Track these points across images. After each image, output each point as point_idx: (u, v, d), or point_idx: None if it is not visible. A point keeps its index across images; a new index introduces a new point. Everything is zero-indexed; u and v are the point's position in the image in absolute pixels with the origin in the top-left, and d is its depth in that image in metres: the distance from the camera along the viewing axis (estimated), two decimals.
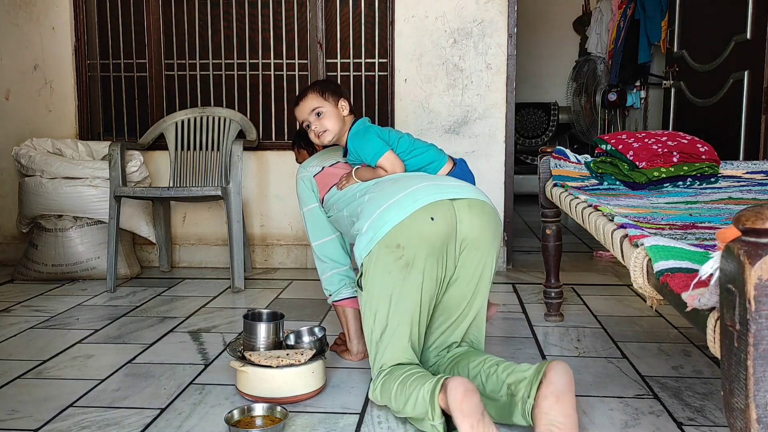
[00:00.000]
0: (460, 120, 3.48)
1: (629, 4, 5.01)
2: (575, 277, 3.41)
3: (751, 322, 0.73)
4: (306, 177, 2.19)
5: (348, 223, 1.99)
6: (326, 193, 2.11)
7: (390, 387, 1.69)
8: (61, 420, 1.78)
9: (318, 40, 3.59)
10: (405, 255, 1.72)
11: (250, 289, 3.19)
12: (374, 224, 1.76)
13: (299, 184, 2.20)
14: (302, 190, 2.19)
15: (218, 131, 3.52)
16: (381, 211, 1.77)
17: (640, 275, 1.23)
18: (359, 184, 2.00)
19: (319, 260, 2.18)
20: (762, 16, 3.29)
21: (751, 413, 0.75)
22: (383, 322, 1.76)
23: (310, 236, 2.19)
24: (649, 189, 2.19)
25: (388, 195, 1.81)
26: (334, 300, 2.16)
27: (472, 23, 3.44)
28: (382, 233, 1.73)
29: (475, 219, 1.79)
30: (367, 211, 1.82)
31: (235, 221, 3.18)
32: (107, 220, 3.23)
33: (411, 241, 1.72)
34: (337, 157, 2.21)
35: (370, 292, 1.77)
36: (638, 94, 5.24)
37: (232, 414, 1.70)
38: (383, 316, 1.76)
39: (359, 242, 1.78)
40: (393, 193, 1.80)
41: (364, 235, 1.77)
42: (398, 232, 1.72)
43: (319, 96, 2.07)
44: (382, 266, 1.73)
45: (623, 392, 1.93)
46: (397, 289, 1.74)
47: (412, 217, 1.73)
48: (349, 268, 2.17)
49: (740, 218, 0.75)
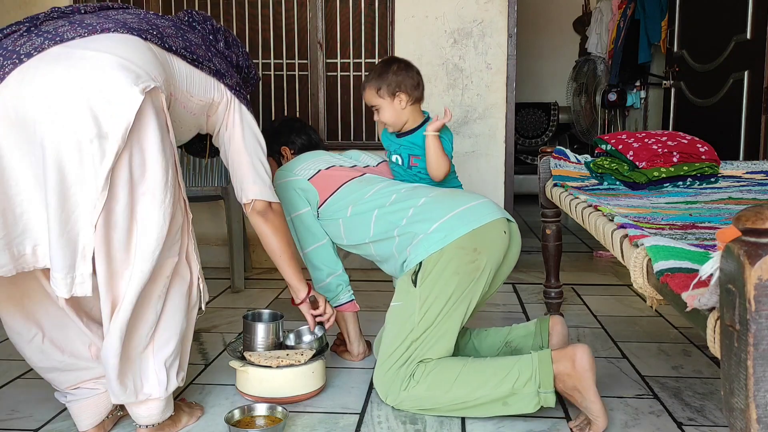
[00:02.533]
0: (460, 120, 3.48)
1: (629, 4, 5.01)
2: (575, 277, 3.41)
3: (751, 322, 0.73)
4: (295, 181, 2.07)
5: (353, 224, 1.98)
6: (331, 195, 2.04)
7: (449, 375, 1.72)
8: (61, 420, 1.78)
9: (318, 40, 3.59)
10: (478, 260, 1.78)
11: (250, 289, 3.19)
12: (447, 226, 1.80)
13: (285, 189, 2.06)
14: (291, 195, 2.06)
15: None
16: (456, 214, 1.82)
17: (640, 275, 1.23)
18: (377, 192, 1.98)
19: (314, 267, 2.11)
20: (762, 16, 3.29)
21: (751, 413, 0.75)
22: (431, 320, 1.77)
23: (301, 243, 2.09)
24: (649, 189, 2.19)
25: (457, 202, 1.87)
26: (333, 306, 2.13)
27: (472, 23, 3.45)
28: (458, 234, 1.78)
29: (516, 243, 1.94)
30: (429, 214, 1.84)
31: (235, 221, 3.18)
32: None
33: (487, 247, 1.79)
34: (326, 160, 2.13)
35: (427, 289, 1.78)
36: (638, 94, 5.24)
37: (233, 414, 1.70)
38: (434, 313, 1.77)
39: (423, 242, 1.81)
40: (462, 202, 1.87)
41: (432, 235, 1.80)
42: (477, 236, 1.79)
43: (375, 94, 2.09)
44: (453, 266, 1.77)
45: (623, 392, 1.93)
46: (459, 290, 1.77)
47: (492, 225, 1.82)
48: (343, 271, 2.15)
49: (740, 218, 0.75)
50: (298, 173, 2.08)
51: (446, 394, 1.72)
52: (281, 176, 2.10)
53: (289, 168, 2.12)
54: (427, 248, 1.80)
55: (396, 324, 1.82)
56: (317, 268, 2.11)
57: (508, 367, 1.71)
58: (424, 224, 1.84)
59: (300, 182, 2.06)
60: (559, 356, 1.69)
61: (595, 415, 1.66)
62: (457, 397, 1.71)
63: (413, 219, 1.86)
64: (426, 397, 1.74)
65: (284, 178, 2.09)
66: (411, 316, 1.79)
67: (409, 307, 1.80)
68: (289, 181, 2.07)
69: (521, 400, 1.69)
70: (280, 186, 2.06)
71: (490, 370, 1.72)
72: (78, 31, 1.46)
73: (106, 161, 1.37)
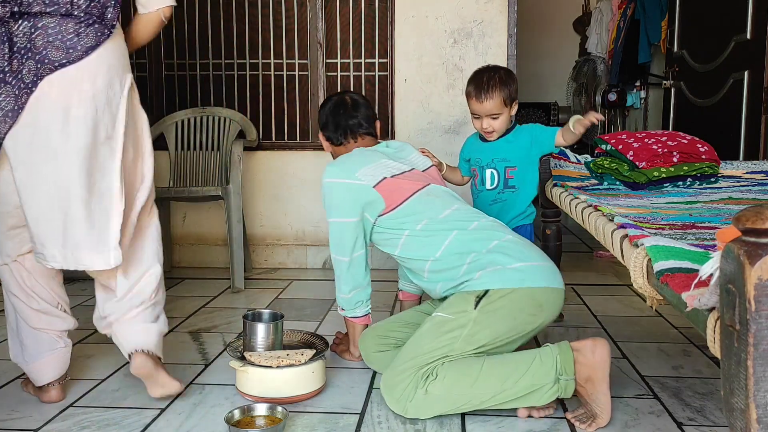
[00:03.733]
0: (460, 120, 3.48)
1: (629, 4, 5.01)
2: (575, 277, 3.40)
3: (751, 322, 0.73)
4: (359, 187, 1.94)
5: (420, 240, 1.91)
6: (397, 206, 1.94)
7: (472, 370, 1.71)
8: (61, 420, 1.78)
9: (318, 40, 3.59)
10: (537, 317, 1.79)
11: (250, 289, 3.19)
12: (529, 270, 1.80)
13: (342, 190, 1.96)
14: (346, 198, 1.95)
15: (218, 131, 3.52)
16: (539, 266, 1.82)
17: (640, 275, 1.23)
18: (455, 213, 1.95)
19: (346, 274, 2.02)
20: (762, 16, 3.29)
21: (751, 413, 0.75)
22: (473, 345, 1.76)
23: (344, 249, 1.99)
24: (649, 189, 2.19)
25: (541, 255, 1.90)
26: (347, 316, 2.11)
27: (472, 23, 3.44)
28: (536, 284, 1.78)
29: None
30: (514, 252, 1.83)
31: (235, 221, 3.18)
32: None
33: (548, 311, 1.80)
34: (386, 166, 2.01)
35: (484, 316, 1.77)
36: (638, 94, 5.24)
37: (233, 414, 1.70)
38: (479, 341, 1.75)
39: (501, 273, 1.79)
40: (545, 258, 1.89)
41: (512, 271, 1.79)
42: (548, 295, 1.80)
43: (501, 103, 2.27)
44: (516, 309, 1.77)
45: (623, 392, 1.93)
46: (507, 333, 1.77)
47: (560, 293, 1.84)
48: (369, 284, 2.08)
49: (740, 218, 0.75)
50: (361, 178, 1.95)
51: (470, 389, 1.70)
52: (339, 175, 1.98)
53: (349, 168, 1.99)
54: (503, 280, 1.78)
55: (436, 334, 1.79)
56: (347, 276, 2.03)
57: (530, 358, 1.73)
58: (506, 258, 1.82)
59: (365, 189, 1.94)
60: (579, 346, 1.72)
61: (601, 408, 1.68)
62: (480, 392, 1.70)
63: (495, 250, 1.84)
64: (443, 397, 1.71)
65: (344, 178, 1.97)
66: (457, 332, 1.77)
67: (459, 324, 1.77)
68: (350, 185, 1.95)
69: (541, 389, 1.70)
70: (337, 185, 1.97)
71: (512, 362, 1.73)
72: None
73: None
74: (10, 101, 1.66)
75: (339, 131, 2.18)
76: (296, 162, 3.62)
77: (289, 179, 3.63)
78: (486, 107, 2.28)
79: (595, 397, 1.69)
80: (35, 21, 1.67)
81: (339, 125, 2.17)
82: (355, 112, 2.18)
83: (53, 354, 1.89)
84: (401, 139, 3.51)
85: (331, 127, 2.19)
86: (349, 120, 2.17)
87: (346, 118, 2.17)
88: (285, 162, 3.63)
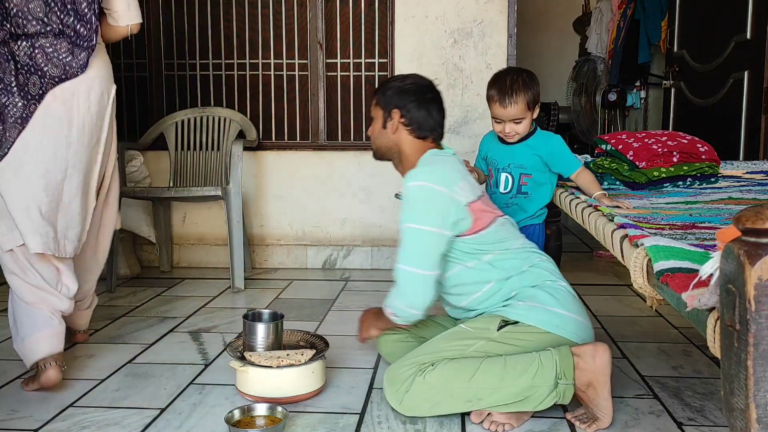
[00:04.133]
0: (460, 120, 3.48)
1: (629, 4, 5.01)
2: (575, 277, 3.40)
3: (751, 322, 0.73)
4: (455, 201, 1.78)
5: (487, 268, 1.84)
6: (481, 230, 1.82)
7: (471, 364, 1.70)
8: (61, 420, 1.78)
9: (318, 40, 3.58)
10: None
11: (250, 289, 3.19)
12: (568, 321, 1.77)
13: (437, 198, 1.76)
14: (440, 209, 1.76)
15: (218, 131, 3.52)
16: (577, 320, 1.79)
17: (640, 275, 1.23)
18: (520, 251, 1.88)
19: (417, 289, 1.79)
20: (762, 16, 3.29)
21: (751, 413, 0.75)
22: (481, 358, 1.74)
23: (423, 262, 1.77)
24: (649, 189, 2.19)
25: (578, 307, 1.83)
26: (397, 322, 1.89)
27: (472, 23, 3.44)
28: (568, 336, 1.76)
29: None
30: (559, 297, 1.80)
31: (235, 221, 3.18)
32: None
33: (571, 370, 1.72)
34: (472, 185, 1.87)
35: (503, 340, 1.76)
36: (638, 94, 5.24)
37: (233, 414, 1.70)
38: (488, 359, 1.73)
39: (538, 311, 1.77)
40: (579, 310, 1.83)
41: (550, 314, 1.77)
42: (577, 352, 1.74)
43: (525, 107, 2.18)
44: (534, 347, 1.74)
45: (623, 392, 1.93)
46: (516, 365, 1.72)
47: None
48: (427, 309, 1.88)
49: (740, 218, 0.75)
50: (459, 192, 1.79)
51: (468, 382, 1.69)
52: (440, 182, 1.77)
53: (450, 178, 1.80)
54: (540, 320, 1.76)
55: (451, 339, 1.80)
56: (410, 295, 1.80)
57: (530, 359, 1.71)
58: (549, 299, 1.79)
59: (460, 205, 1.78)
60: (579, 351, 1.70)
61: (603, 413, 1.68)
62: (478, 388, 1.69)
63: (541, 287, 1.82)
64: (441, 387, 1.70)
65: (444, 187, 1.77)
66: (470, 342, 1.77)
67: (476, 336, 1.78)
68: (450, 197, 1.77)
69: (540, 393, 1.69)
70: (435, 192, 1.76)
71: (511, 361, 1.72)
72: None
73: None
74: (20, 110, 1.93)
75: (430, 123, 1.93)
76: (296, 162, 3.62)
77: (289, 179, 3.63)
78: (510, 112, 2.18)
79: (597, 402, 1.68)
80: (33, 41, 1.94)
81: (432, 117, 1.93)
82: (444, 112, 1.99)
83: (49, 329, 1.97)
84: None
85: (422, 114, 1.92)
86: (443, 118, 1.97)
87: (441, 114, 1.97)
88: (285, 162, 3.63)
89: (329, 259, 3.65)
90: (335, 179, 3.61)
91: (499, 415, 1.72)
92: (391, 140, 1.95)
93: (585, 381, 1.68)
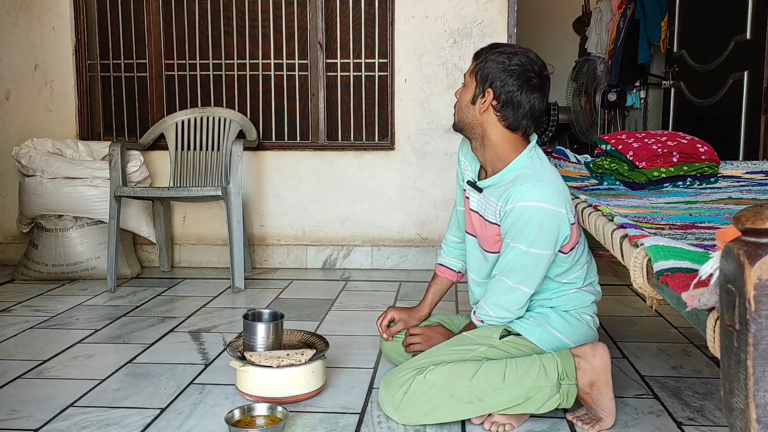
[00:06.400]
0: None
1: (629, 4, 5.01)
2: None
3: (751, 322, 0.73)
4: (566, 220, 1.68)
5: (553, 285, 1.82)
6: (570, 250, 1.76)
7: (471, 366, 1.69)
8: (61, 420, 1.78)
9: (318, 40, 3.59)
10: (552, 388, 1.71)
11: (250, 289, 3.19)
12: (566, 350, 1.75)
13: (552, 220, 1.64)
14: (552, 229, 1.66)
15: (218, 131, 3.52)
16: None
17: (640, 275, 1.23)
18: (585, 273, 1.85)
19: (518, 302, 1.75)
20: (762, 16, 3.29)
21: (751, 413, 0.75)
22: (481, 361, 1.73)
23: (534, 282, 1.72)
24: (649, 189, 2.19)
25: (589, 341, 1.80)
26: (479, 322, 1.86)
27: (472, 23, 3.45)
28: (564, 359, 1.72)
29: None
30: (571, 321, 1.80)
31: (235, 221, 3.18)
32: (107, 220, 3.23)
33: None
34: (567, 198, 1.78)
35: (504, 349, 1.76)
36: (638, 94, 5.24)
37: (233, 414, 1.70)
38: (488, 363, 1.72)
39: (544, 331, 1.77)
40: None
41: (553, 337, 1.77)
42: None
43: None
44: (535, 366, 1.72)
45: (623, 392, 1.93)
46: (513, 378, 1.71)
47: None
48: None
49: (740, 218, 0.75)
50: (569, 209, 1.71)
51: (470, 381, 1.67)
52: (554, 202, 1.65)
53: (561, 194, 1.69)
54: (540, 338, 1.77)
55: (453, 344, 1.80)
56: (511, 307, 1.75)
57: (531, 360, 1.71)
58: (560, 324, 1.79)
59: (567, 225, 1.69)
60: (579, 351, 1.70)
61: (607, 413, 1.68)
62: (479, 387, 1.67)
63: (558, 308, 1.81)
64: (442, 386, 1.68)
65: (558, 207, 1.66)
66: (472, 347, 1.77)
67: (478, 342, 1.78)
68: (563, 216, 1.67)
69: (542, 394, 1.68)
70: (551, 214, 1.64)
71: (512, 363, 1.71)
72: None
73: None
74: None
75: (525, 118, 1.73)
76: (296, 162, 3.62)
77: (289, 179, 3.63)
78: None
79: (600, 403, 1.68)
80: None
81: (530, 111, 1.72)
82: (546, 102, 1.77)
83: None
84: (401, 139, 3.51)
85: (519, 106, 1.70)
86: (542, 111, 1.74)
87: (542, 106, 1.74)
88: (285, 162, 3.63)
89: (329, 259, 3.65)
90: (335, 179, 3.61)
91: (499, 416, 1.71)
92: (477, 120, 1.74)
93: (587, 381, 1.68)
